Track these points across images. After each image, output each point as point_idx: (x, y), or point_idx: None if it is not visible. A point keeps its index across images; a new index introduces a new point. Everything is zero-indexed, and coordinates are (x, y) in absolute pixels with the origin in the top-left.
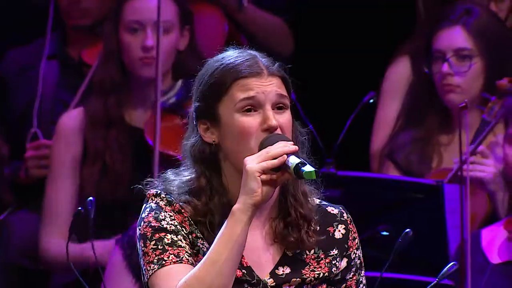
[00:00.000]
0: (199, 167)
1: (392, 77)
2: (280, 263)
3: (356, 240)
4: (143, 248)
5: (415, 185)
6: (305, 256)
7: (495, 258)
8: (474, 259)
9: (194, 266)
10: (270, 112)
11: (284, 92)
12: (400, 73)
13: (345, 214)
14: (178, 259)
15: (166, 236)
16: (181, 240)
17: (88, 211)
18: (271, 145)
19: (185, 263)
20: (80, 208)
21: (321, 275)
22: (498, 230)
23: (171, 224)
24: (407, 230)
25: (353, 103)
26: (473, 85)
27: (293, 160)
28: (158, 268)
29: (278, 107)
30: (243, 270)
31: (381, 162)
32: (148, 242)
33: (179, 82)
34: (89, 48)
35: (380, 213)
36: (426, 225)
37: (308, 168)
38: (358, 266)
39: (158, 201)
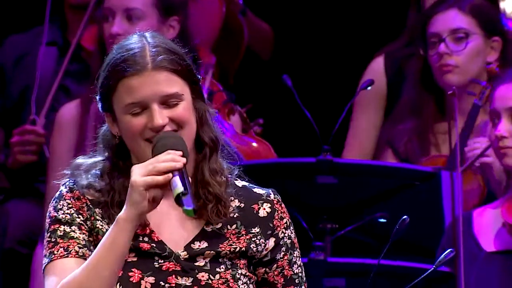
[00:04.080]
0: (108, 153)
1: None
2: (197, 238)
3: (285, 220)
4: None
5: (412, 172)
6: (225, 230)
7: (489, 246)
8: (464, 245)
9: (86, 257)
10: (155, 112)
11: (173, 85)
12: (373, 74)
13: (272, 195)
14: (66, 253)
15: (59, 228)
16: (74, 231)
17: None
18: (161, 151)
19: (73, 256)
20: None
21: (237, 249)
22: (492, 214)
23: (67, 213)
24: (404, 217)
25: (351, 89)
26: (471, 64)
27: (177, 185)
28: (48, 262)
29: (167, 103)
30: (152, 244)
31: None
32: (46, 233)
33: None
34: (87, 32)
35: (377, 200)
36: (423, 213)
37: (187, 204)
38: (289, 246)
39: (62, 189)
